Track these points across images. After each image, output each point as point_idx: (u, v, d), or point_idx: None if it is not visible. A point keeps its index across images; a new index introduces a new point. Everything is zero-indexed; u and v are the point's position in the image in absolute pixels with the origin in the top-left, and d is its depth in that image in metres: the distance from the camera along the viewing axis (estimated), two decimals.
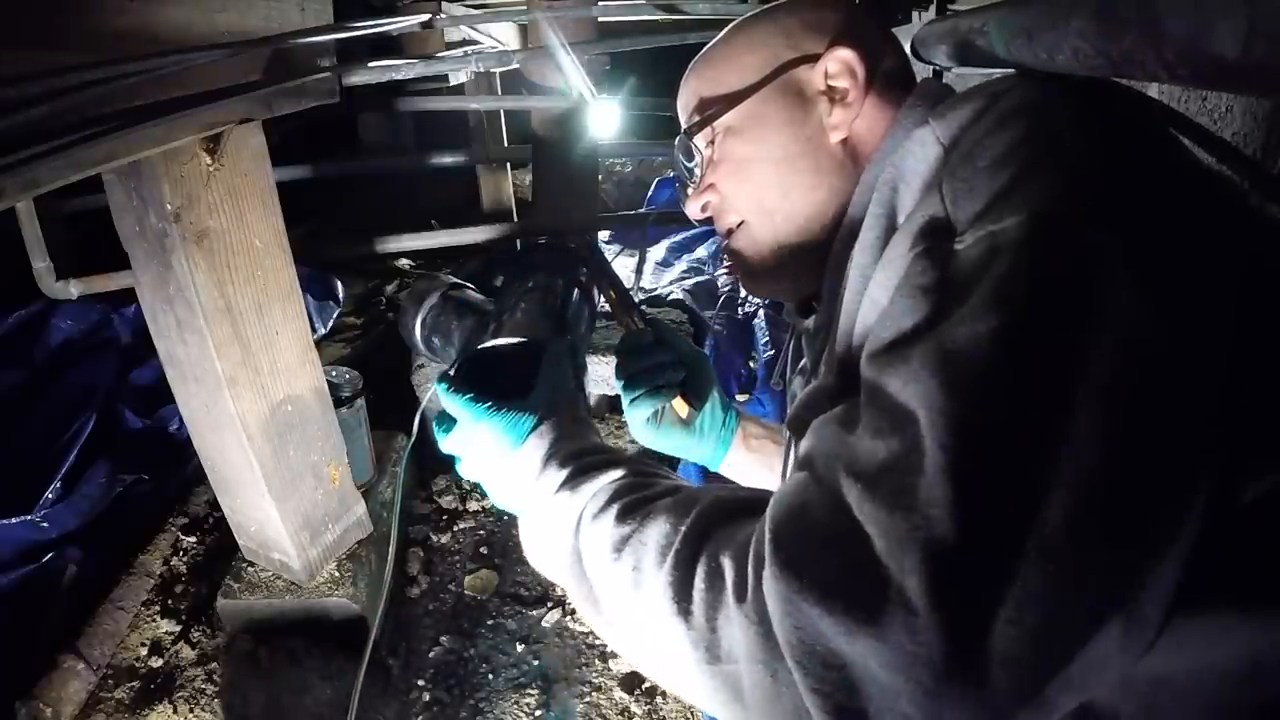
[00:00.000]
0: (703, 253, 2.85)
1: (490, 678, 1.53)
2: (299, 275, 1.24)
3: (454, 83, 2.67)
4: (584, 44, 1.23)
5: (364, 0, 1.67)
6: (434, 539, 1.86)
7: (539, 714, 1.45)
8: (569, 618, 1.64)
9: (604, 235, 3.00)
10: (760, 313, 2.32)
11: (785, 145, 0.63)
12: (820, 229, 0.63)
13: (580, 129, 1.19)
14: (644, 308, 1.44)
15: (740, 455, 0.87)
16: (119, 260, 1.14)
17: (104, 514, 1.59)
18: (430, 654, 1.58)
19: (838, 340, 0.53)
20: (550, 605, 1.67)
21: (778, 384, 0.83)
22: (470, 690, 1.50)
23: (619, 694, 1.48)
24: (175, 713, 1.37)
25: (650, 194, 3.56)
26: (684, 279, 2.66)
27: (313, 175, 1.99)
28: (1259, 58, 0.27)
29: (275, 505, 1.28)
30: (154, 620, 1.55)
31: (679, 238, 2.92)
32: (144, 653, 1.49)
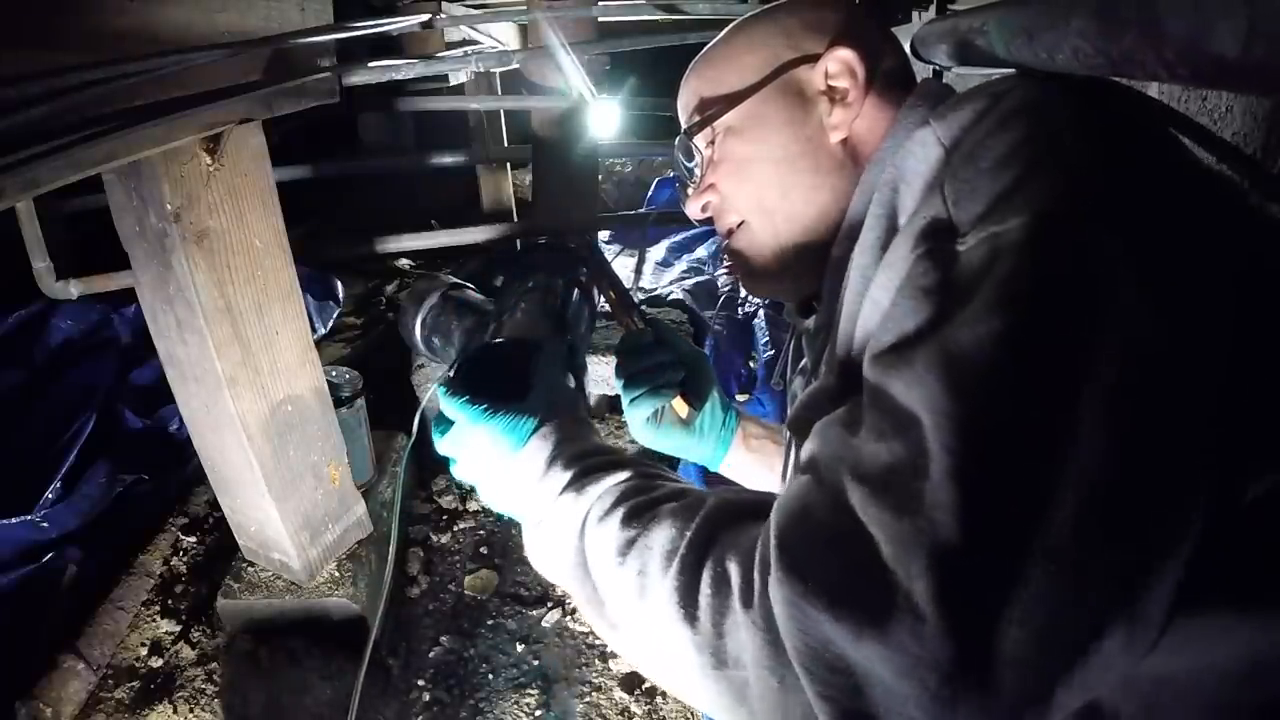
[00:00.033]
0: (703, 253, 2.85)
1: (490, 678, 1.53)
2: (299, 275, 1.23)
3: (454, 83, 2.67)
4: (584, 44, 1.23)
5: (364, 0, 1.67)
6: (434, 539, 1.86)
7: (539, 714, 1.45)
8: (569, 618, 1.64)
9: (604, 235, 3.00)
10: (760, 313, 2.32)
11: (785, 145, 0.63)
12: (820, 229, 0.63)
13: (580, 129, 1.19)
14: (644, 308, 1.45)
15: (740, 455, 0.87)
16: (119, 260, 1.14)
17: (104, 514, 1.58)
18: (430, 654, 1.58)
19: (838, 341, 0.53)
20: (550, 605, 1.67)
21: (778, 384, 0.83)
22: (470, 690, 1.50)
23: (619, 694, 1.48)
24: (175, 713, 1.37)
25: (650, 194, 3.56)
26: (684, 279, 2.66)
27: (313, 175, 1.99)
28: (1259, 57, 0.27)
29: (275, 505, 1.28)
30: (154, 620, 1.55)
31: (679, 238, 2.92)
32: (144, 653, 1.49)
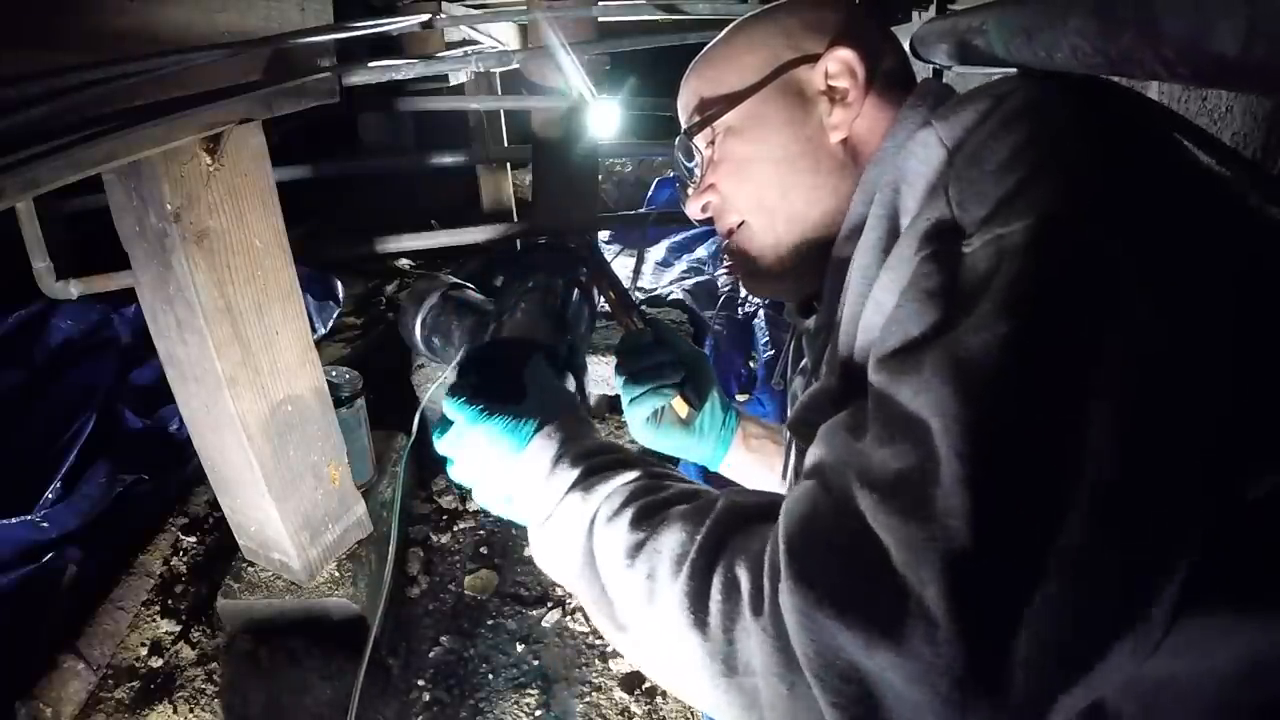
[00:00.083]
0: (703, 253, 2.85)
1: (490, 678, 1.53)
2: (299, 275, 1.23)
3: (454, 83, 2.67)
4: (584, 44, 1.23)
5: (364, 0, 1.67)
6: (434, 539, 1.86)
7: (539, 714, 1.45)
8: (569, 618, 1.64)
9: (604, 235, 3.00)
10: (760, 313, 2.32)
11: (785, 145, 0.63)
12: (821, 229, 0.63)
13: (580, 129, 1.19)
14: (644, 308, 1.45)
15: (740, 455, 0.87)
16: (119, 260, 1.14)
17: (104, 514, 1.58)
18: (430, 654, 1.58)
19: (840, 342, 0.53)
20: (550, 605, 1.67)
21: (778, 384, 0.83)
22: (470, 690, 1.50)
23: (619, 694, 1.48)
24: (175, 713, 1.37)
25: (650, 194, 3.56)
26: (684, 279, 2.66)
27: (313, 175, 1.99)
28: (1260, 57, 0.27)
29: (275, 505, 1.28)
30: (154, 620, 1.55)
31: (679, 238, 2.92)
32: (144, 653, 1.48)
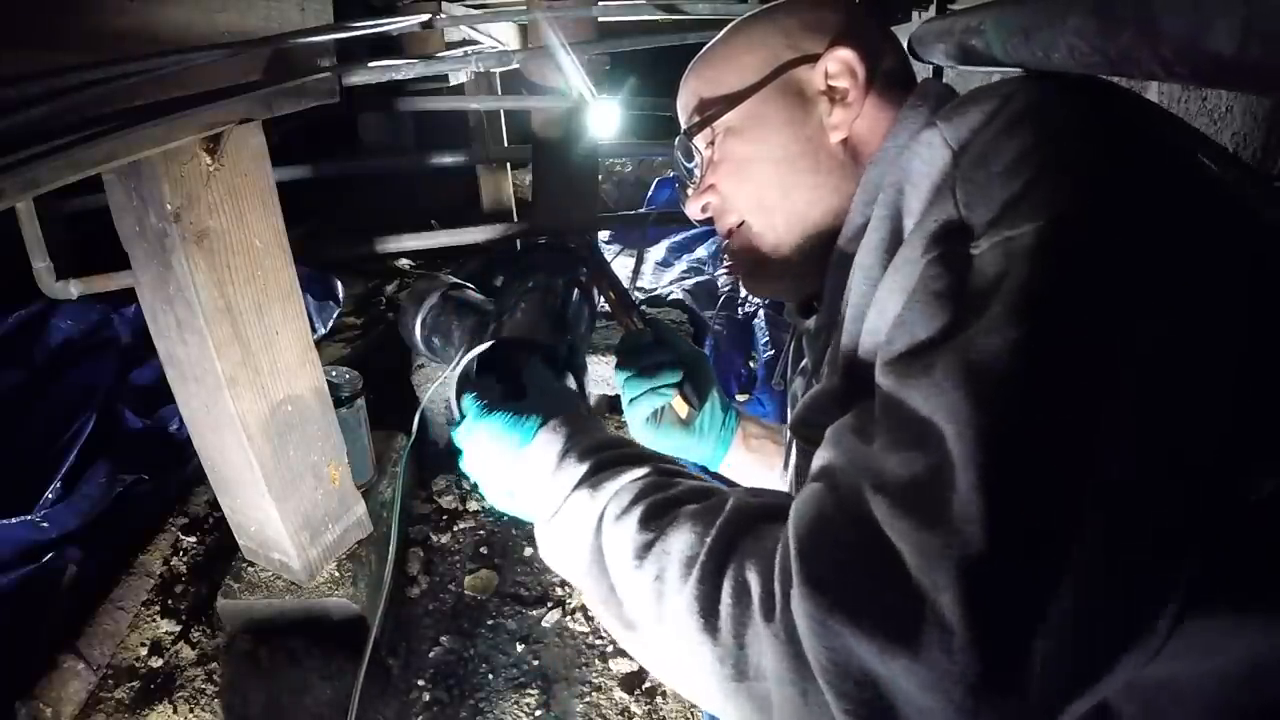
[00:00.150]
0: (703, 253, 2.85)
1: (490, 678, 1.53)
2: (299, 275, 1.23)
3: (454, 83, 2.67)
4: (584, 44, 1.23)
5: (364, 0, 1.67)
6: (434, 539, 1.86)
7: (539, 714, 1.45)
8: (569, 618, 1.64)
9: (604, 235, 3.00)
10: (760, 313, 2.32)
11: (785, 145, 0.63)
12: (821, 229, 0.63)
13: (580, 129, 1.19)
14: (644, 308, 1.45)
15: (740, 455, 0.87)
16: (119, 260, 1.14)
17: (104, 514, 1.58)
18: (430, 654, 1.58)
19: (842, 343, 0.53)
20: (550, 605, 1.67)
21: (778, 384, 0.83)
22: (470, 690, 1.50)
23: (619, 694, 1.48)
24: (175, 713, 1.37)
25: (650, 194, 3.56)
26: (684, 279, 2.66)
27: (313, 175, 1.99)
28: (1256, 56, 0.27)
29: (275, 505, 1.28)
30: (154, 620, 1.55)
31: (679, 238, 2.92)
32: (144, 653, 1.48)
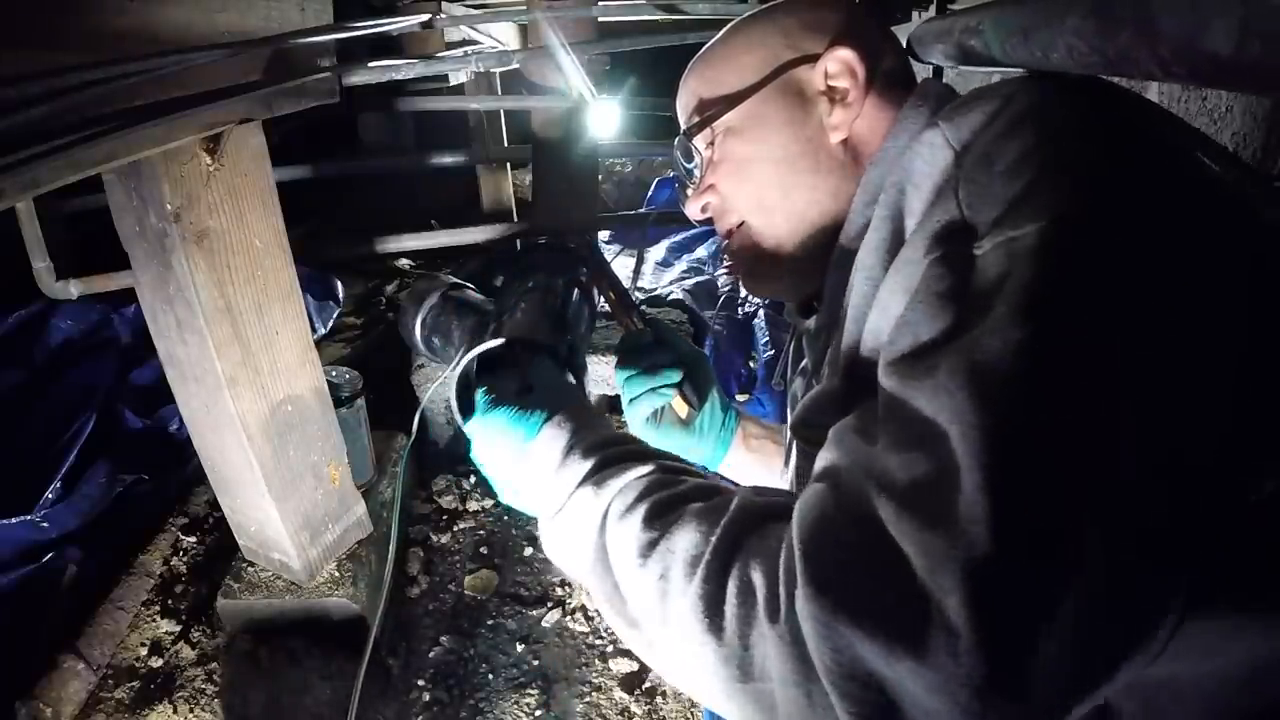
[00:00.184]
0: (703, 253, 2.85)
1: (490, 678, 1.53)
2: (299, 275, 1.23)
3: (454, 83, 2.67)
4: (584, 44, 1.23)
5: (364, 0, 1.67)
6: (434, 539, 1.86)
7: (539, 714, 1.45)
8: (569, 618, 1.64)
9: (604, 235, 3.00)
10: (760, 313, 2.32)
11: (785, 145, 0.63)
12: (821, 229, 0.63)
13: (580, 129, 1.19)
14: (644, 308, 1.45)
15: (740, 455, 0.87)
16: (119, 260, 1.14)
17: (104, 514, 1.58)
18: (430, 654, 1.58)
19: (843, 343, 0.52)
20: (550, 605, 1.67)
21: (778, 384, 0.83)
22: (470, 690, 1.50)
23: (619, 694, 1.48)
24: (175, 713, 1.37)
25: (650, 194, 3.56)
26: (684, 279, 2.66)
27: (313, 175, 1.99)
28: (1254, 56, 0.27)
29: (275, 505, 1.28)
30: (154, 620, 1.55)
31: (679, 238, 2.92)
32: (144, 653, 1.49)
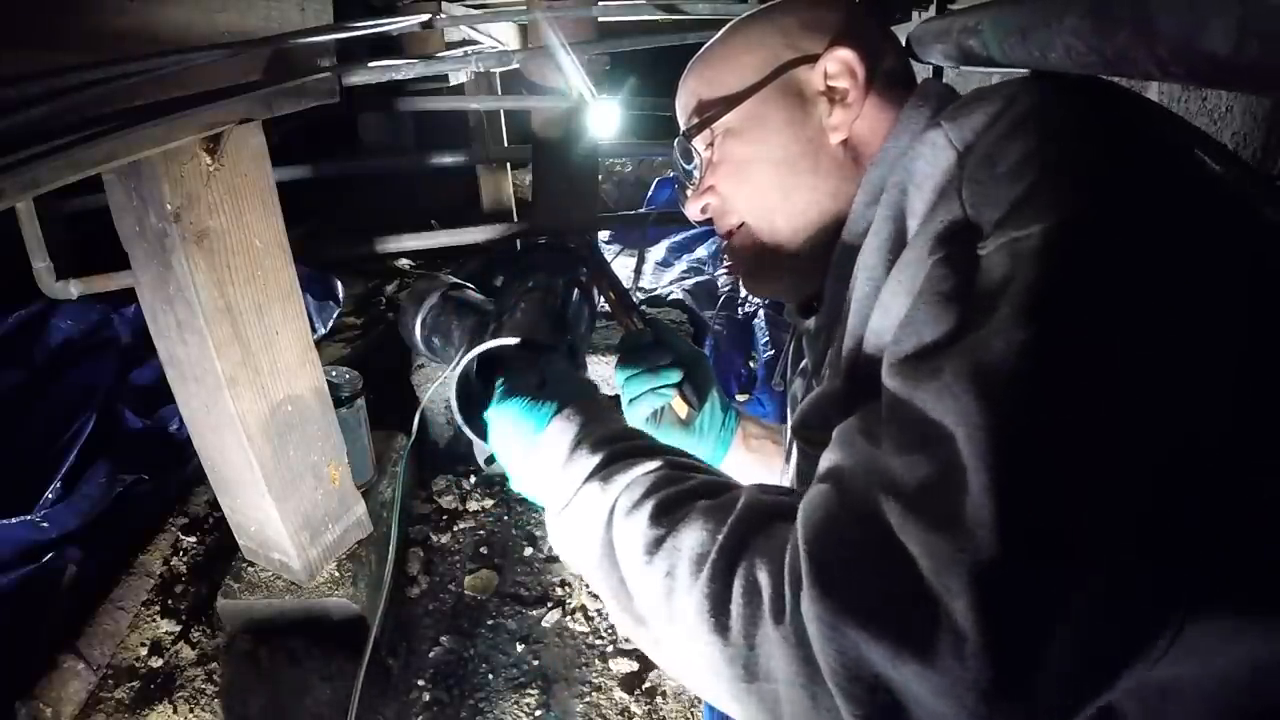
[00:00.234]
0: (703, 253, 2.85)
1: (490, 678, 1.53)
2: (299, 275, 1.24)
3: (454, 83, 2.67)
4: (584, 44, 1.23)
5: (364, 0, 1.67)
6: (434, 539, 1.86)
7: (539, 714, 1.45)
8: (569, 618, 1.64)
9: (604, 235, 3.00)
10: (760, 313, 2.32)
11: (785, 146, 0.63)
12: (821, 230, 0.63)
13: (580, 129, 1.19)
14: (644, 308, 1.45)
15: (740, 455, 0.87)
16: (119, 260, 1.14)
17: (104, 514, 1.58)
18: (430, 654, 1.58)
19: (845, 344, 0.52)
20: (550, 605, 1.67)
21: (778, 384, 0.83)
22: (470, 690, 1.50)
23: (619, 694, 1.48)
24: (175, 713, 1.37)
25: (650, 194, 3.56)
26: (684, 279, 2.66)
27: (313, 175, 1.99)
28: (1252, 56, 0.27)
29: (275, 505, 1.28)
30: (154, 620, 1.55)
31: (679, 238, 2.93)
32: (144, 653, 1.48)
